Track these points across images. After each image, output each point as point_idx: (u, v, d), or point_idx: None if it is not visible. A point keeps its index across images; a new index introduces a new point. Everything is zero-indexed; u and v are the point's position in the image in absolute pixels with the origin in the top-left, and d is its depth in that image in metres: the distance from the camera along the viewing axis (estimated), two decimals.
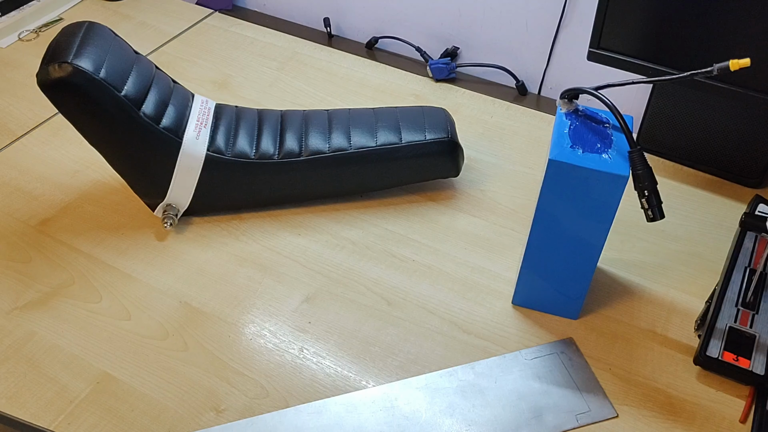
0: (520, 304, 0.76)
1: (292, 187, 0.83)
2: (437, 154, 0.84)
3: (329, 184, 0.84)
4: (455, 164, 0.86)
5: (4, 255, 0.80)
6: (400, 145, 0.83)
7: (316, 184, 0.84)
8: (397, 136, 0.83)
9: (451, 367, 0.70)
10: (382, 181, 0.85)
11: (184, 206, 0.82)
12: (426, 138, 0.83)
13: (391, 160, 0.83)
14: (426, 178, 0.87)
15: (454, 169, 0.86)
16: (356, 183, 0.84)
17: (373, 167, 0.83)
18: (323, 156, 0.82)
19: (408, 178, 0.86)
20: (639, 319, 0.75)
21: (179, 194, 0.81)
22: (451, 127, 0.85)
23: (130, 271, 0.79)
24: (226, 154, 0.80)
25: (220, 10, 1.24)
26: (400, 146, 0.83)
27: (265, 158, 0.81)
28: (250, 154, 0.81)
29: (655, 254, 0.82)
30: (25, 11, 1.19)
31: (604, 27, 0.83)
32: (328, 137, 0.83)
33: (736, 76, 0.61)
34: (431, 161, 0.84)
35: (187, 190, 0.81)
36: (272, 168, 0.81)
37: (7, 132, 0.98)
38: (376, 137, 0.83)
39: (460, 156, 0.86)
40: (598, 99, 0.62)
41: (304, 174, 0.82)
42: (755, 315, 0.72)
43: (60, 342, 0.72)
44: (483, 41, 1.10)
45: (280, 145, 0.82)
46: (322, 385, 0.69)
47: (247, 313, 0.75)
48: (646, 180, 0.61)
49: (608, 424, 0.66)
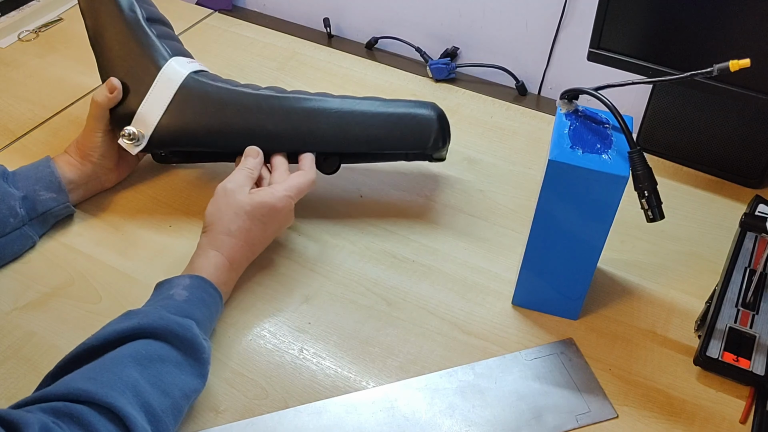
0: (520, 304, 0.76)
1: (265, 122, 0.80)
2: (419, 116, 0.81)
3: (306, 124, 0.80)
4: (441, 133, 0.81)
5: None
6: (387, 101, 0.83)
7: (293, 124, 0.80)
8: (381, 101, 0.83)
9: (450, 368, 0.70)
10: (361, 132, 0.81)
11: (150, 127, 0.80)
12: (409, 103, 0.82)
13: (373, 114, 0.81)
14: (407, 143, 0.81)
15: (436, 141, 0.81)
16: (334, 130, 0.80)
17: (355, 117, 0.81)
18: (306, 95, 0.82)
19: (387, 138, 0.81)
20: (639, 320, 0.75)
21: (149, 111, 0.80)
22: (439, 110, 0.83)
23: (130, 271, 0.79)
24: (206, 80, 0.82)
25: (219, 10, 1.24)
26: (385, 101, 0.82)
27: (248, 88, 0.82)
28: (232, 85, 0.83)
29: (655, 254, 0.82)
30: (25, 11, 1.19)
31: (604, 27, 0.83)
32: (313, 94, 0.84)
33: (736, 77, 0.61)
34: (413, 121, 0.81)
35: (159, 106, 0.80)
36: (251, 97, 0.81)
37: (7, 132, 0.97)
38: (360, 100, 0.83)
39: (446, 127, 0.82)
40: (598, 99, 0.62)
41: (284, 111, 0.80)
42: (755, 315, 0.72)
43: (60, 342, 0.72)
44: (483, 41, 1.10)
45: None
46: (322, 386, 0.69)
47: (247, 313, 0.75)
48: (646, 180, 0.61)
49: (608, 424, 0.66)
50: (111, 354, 0.59)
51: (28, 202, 0.78)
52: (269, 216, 0.75)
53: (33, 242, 0.80)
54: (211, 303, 0.68)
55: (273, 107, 0.80)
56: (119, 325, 0.62)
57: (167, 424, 0.58)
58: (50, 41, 1.15)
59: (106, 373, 0.57)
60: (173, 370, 0.61)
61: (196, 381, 0.63)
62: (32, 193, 0.78)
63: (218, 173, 0.91)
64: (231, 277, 0.74)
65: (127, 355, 0.59)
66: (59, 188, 0.80)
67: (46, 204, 0.79)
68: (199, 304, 0.67)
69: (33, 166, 0.81)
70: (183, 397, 0.61)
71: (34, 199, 0.78)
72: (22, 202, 0.77)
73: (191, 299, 0.66)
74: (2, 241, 0.76)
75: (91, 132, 0.82)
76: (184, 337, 0.62)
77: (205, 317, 0.67)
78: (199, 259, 0.72)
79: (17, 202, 0.77)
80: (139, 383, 0.57)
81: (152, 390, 0.58)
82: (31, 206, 0.78)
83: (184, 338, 0.62)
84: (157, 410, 0.57)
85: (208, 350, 0.65)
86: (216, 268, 0.71)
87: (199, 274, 0.70)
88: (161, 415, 0.58)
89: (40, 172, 0.80)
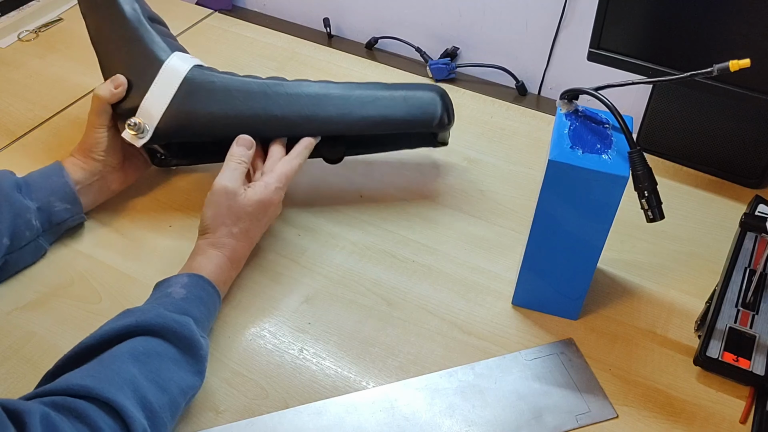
0: (520, 304, 0.76)
1: (271, 107, 0.81)
2: (423, 94, 0.82)
3: (311, 108, 0.81)
4: (445, 109, 0.82)
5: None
6: (390, 84, 0.84)
7: (299, 108, 0.81)
8: (384, 85, 0.84)
9: (450, 368, 0.70)
10: (366, 113, 0.81)
11: (155, 119, 0.80)
12: (412, 84, 0.83)
13: (377, 96, 0.82)
14: (412, 122, 0.82)
15: (442, 118, 0.82)
16: (339, 111, 0.81)
17: (360, 99, 0.81)
18: (310, 81, 0.83)
19: (392, 117, 0.81)
20: (639, 320, 0.75)
21: (153, 103, 0.80)
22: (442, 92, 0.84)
23: (130, 271, 0.79)
24: (210, 71, 0.83)
25: (219, 10, 1.24)
26: (388, 84, 0.83)
27: (251, 78, 0.83)
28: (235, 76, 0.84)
29: (655, 254, 0.82)
30: (25, 11, 1.19)
31: (604, 27, 0.83)
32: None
33: (736, 77, 0.61)
34: (417, 100, 0.82)
35: (164, 97, 0.80)
36: (256, 84, 0.81)
37: (7, 132, 0.97)
38: (363, 84, 0.84)
39: (449, 105, 0.83)
40: (598, 99, 0.62)
41: (289, 95, 0.81)
42: (755, 315, 0.72)
43: (60, 342, 0.72)
44: (483, 41, 1.10)
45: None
46: (322, 386, 0.69)
47: (247, 313, 0.75)
48: (646, 180, 0.61)
49: (608, 424, 0.66)
50: (110, 351, 0.60)
51: (43, 213, 0.77)
52: (265, 211, 0.76)
53: (44, 251, 0.80)
54: (209, 301, 0.69)
55: (278, 93, 0.81)
56: (117, 323, 0.62)
57: (164, 420, 0.58)
58: (50, 41, 1.15)
59: (105, 369, 0.58)
60: (171, 366, 0.61)
61: (193, 378, 0.63)
62: (47, 204, 0.77)
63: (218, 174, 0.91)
64: (231, 276, 0.74)
65: (126, 352, 0.60)
66: (74, 199, 0.79)
67: (60, 215, 0.79)
68: (197, 302, 0.67)
69: (45, 174, 0.79)
70: (180, 394, 0.61)
71: (49, 211, 0.78)
72: (37, 213, 0.77)
73: (189, 297, 0.67)
74: (17, 255, 0.76)
75: (92, 129, 0.81)
76: (181, 334, 0.63)
77: (202, 315, 0.67)
78: (198, 257, 0.72)
79: (33, 215, 0.76)
80: (137, 379, 0.58)
81: (150, 386, 0.58)
82: (46, 218, 0.78)
83: (182, 335, 0.63)
84: (155, 406, 0.58)
85: (205, 347, 0.65)
86: (217, 266, 0.72)
87: (199, 272, 0.70)
88: (159, 411, 0.58)
89: (54, 183, 0.79)
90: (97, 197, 0.84)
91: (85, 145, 0.82)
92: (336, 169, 0.90)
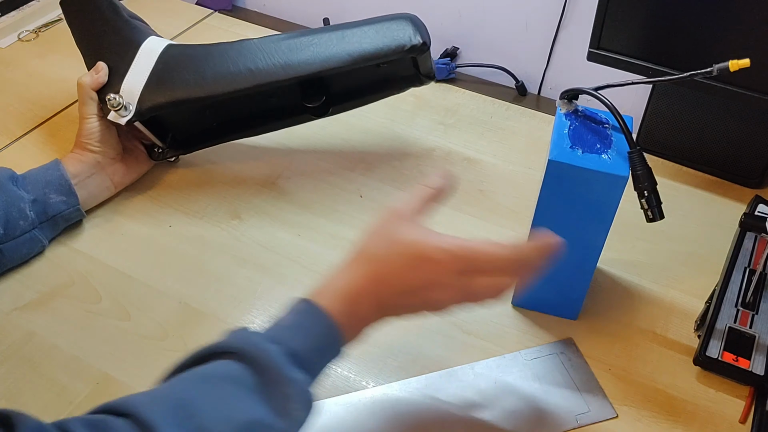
0: (520, 304, 0.76)
1: (250, 62, 0.82)
2: (393, 21, 0.83)
3: (288, 55, 0.82)
4: (418, 31, 0.83)
5: None
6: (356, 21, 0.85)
7: (277, 58, 0.82)
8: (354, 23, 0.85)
9: (450, 368, 0.70)
10: (342, 48, 0.82)
11: (135, 95, 0.82)
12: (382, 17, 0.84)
13: (351, 31, 0.83)
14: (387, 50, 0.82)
15: (416, 39, 0.82)
16: (316, 51, 0.82)
17: (334, 38, 0.83)
18: (277, 35, 0.84)
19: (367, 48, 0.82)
20: (639, 320, 0.75)
21: (134, 81, 0.82)
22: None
23: (130, 271, 0.79)
24: (183, 45, 0.85)
25: (219, 10, 1.24)
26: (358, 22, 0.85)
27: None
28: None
29: (655, 254, 0.82)
30: (25, 11, 1.19)
31: (604, 27, 0.83)
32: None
33: (736, 77, 0.61)
34: (389, 28, 0.83)
35: (143, 73, 0.82)
36: (233, 45, 0.83)
37: (7, 132, 0.98)
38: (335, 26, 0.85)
39: (422, 27, 0.84)
40: (598, 99, 0.62)
41: (266, 49, 0.83)
42: (755, 315, 0.72)
43: (60, 342, 0.72)
44: (483, 41, 1.10)
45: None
46: (322, 386, 0.69)
47: (247, 313, 0.75)
48: (646, 180, 0.61)
49: (608, 424, 0.66)
50: (189, 371, 0.52)
51: (39, 205, 0.78)
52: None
53: (42, 246, 0.80)
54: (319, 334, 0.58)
55: (249, 48, 0.83)
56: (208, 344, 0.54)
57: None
58: (50, 41, 1.15)
59: (161, 390, 0.50)
60: (242, 395, 0.51)
61: (273, 418, 0.50)
62: (42, 196, 0.78)
63: (218, 174, 0.91)
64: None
65: (198, 373, 0.52)
66: (69, 191, 0.80)
67: (56, 207, 0.79)
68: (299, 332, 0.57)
69: (42, 169, 0.80)
70: (245, 427, 0.49)
71: (45, 203, 0.78)
72: (32, 205, 0.77)
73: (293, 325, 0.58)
74: (12, 244, 0.76)
75: (84, 119, 0.82)
76: (261, 361, 0.52)
77: (304, 348, 0.56)
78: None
79: (27, 205, 0.77)
80: (195, 403, 0.49)
81: (210, 412, 0.49)
82: (41, 209, 0.78)
83: (261, 363, 0.52)
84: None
85: (296, 385, 0.52)
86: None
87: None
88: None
89: (49, 175, 0.79)
90: (98, 192, 0.84)
91: (80, 137, 0.83)
92: (336, 169, 0.90)
